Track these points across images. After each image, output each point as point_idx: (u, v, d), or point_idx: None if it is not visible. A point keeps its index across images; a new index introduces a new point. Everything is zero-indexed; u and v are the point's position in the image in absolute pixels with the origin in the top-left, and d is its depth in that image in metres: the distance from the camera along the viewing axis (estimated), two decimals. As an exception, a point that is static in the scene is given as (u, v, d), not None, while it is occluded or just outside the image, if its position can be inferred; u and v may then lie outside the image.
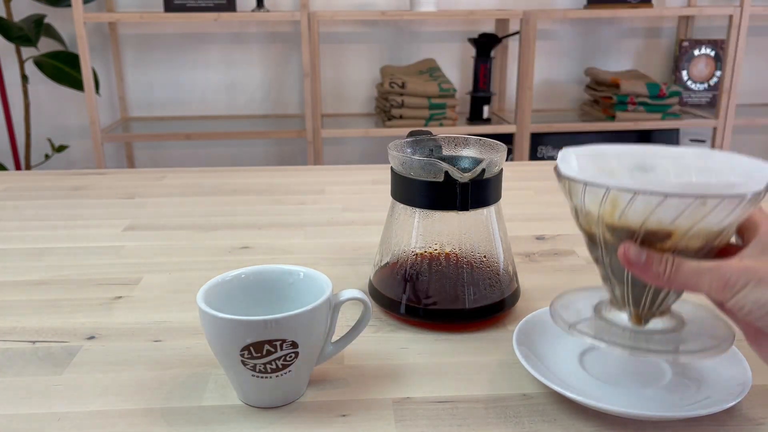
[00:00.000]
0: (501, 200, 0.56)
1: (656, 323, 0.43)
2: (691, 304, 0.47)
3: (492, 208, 0.56)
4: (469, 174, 0.51)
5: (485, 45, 2.05)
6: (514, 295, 0.58)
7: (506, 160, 0.56)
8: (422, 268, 0.56)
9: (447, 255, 0.56)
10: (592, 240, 0.43)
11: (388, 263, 0.58)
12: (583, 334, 0.42)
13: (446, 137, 0.59)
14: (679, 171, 0.45)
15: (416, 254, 0.56)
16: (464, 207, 0.53)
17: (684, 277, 0.38)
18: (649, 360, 0.48)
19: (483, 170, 0.52)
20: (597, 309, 0.46)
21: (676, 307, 0.45)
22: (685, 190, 0.36)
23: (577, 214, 0.43)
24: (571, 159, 0.45)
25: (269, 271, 0.49)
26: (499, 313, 0.56)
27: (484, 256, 0.56)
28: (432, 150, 0.58)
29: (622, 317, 0.44)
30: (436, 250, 0.56)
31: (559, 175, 0.42)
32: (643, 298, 0.43)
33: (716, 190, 0.37)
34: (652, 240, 0.39)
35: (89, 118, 1.92)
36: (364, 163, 2.29)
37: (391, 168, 0.56)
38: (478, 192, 0.53)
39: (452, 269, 0.56)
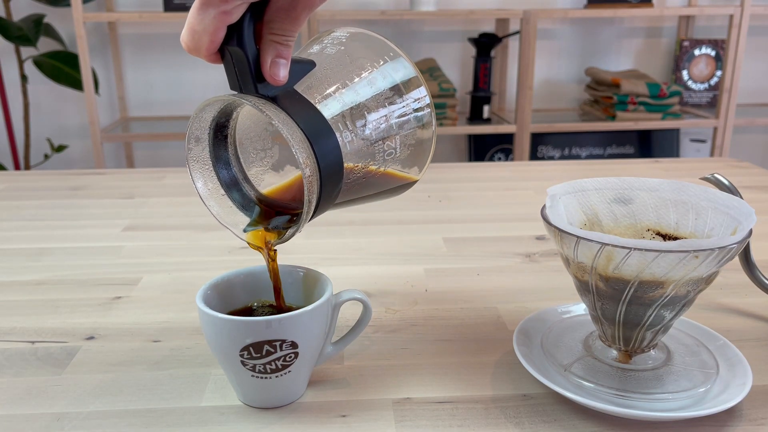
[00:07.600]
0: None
1: (644, 359, 0.46)
2: (675, 330, 0.50)
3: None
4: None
5: (485, 45, 2.05)
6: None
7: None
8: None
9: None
10: (583, 286, 0.44)
11: None
12: (578, 378, 0.45)
13: None
14: (657, 204, 0.48)
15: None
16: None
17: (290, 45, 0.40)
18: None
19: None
20: (586, 345, 0.48)
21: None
22: (678, 247, 0.38)
23: (568, 261, 0.44)
24: (558, 202, 0.47)
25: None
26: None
27: None
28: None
29: (611, 353, 0.47)
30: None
31: (550, 225, 0.43)
32: (633, 339, 0.45)
33: (707, 245, 0.39)
34: (645, 288, 0.41)
35: (89, 118, 1.92)
36: (364, 162, 2.29)
37: None
38: None
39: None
